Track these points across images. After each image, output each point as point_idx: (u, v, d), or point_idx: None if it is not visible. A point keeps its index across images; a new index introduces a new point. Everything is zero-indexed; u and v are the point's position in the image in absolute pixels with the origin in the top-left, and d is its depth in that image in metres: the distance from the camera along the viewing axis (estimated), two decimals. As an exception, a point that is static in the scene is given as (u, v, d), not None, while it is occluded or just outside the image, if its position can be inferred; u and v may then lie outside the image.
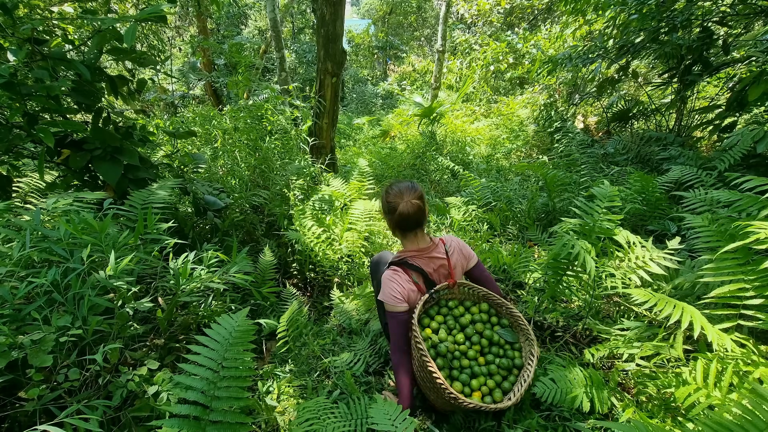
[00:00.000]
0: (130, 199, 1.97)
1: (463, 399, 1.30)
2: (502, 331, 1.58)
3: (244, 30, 13.79)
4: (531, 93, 7.96)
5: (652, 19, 3.74)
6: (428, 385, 1.43)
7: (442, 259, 1.63)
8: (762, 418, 0.92)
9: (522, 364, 1.49)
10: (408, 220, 1.54)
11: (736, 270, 1.49)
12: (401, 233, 1.62)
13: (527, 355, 1.50)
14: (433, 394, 1.45)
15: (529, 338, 1.51)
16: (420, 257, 1.60)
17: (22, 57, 1.68)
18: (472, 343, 1.54)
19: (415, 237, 1.61)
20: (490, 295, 1.63)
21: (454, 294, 1.70)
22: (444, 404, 1.45)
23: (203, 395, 1.09)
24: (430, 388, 1.43)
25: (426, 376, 1.38)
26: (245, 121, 3.76)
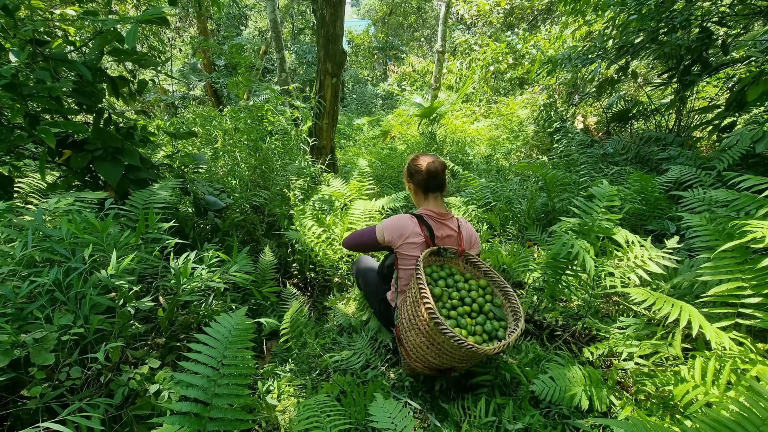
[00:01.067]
0: (131, 199, 1.98)
1: (446, 326, 1.36)
2: (495, 308, 1.65)
3: (245, 31, 13.81)
4: (531, 93, 7.97)
5: (652, 19, 3.75)
6: (411, 320, 1.53)
7: (453, 231, 1.77)
8: (759, 415, 0.93)
9: (504, 338, 1.56)
10: (435, 177, 1.74)
11: (734, 269, 1.50)
12: (423, 194, 1.80)
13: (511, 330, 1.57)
14: (413, 331, 1.52)
15: (517, 317, 1.58)
16: (434, 219, 1.75)
17: (24, 58, 1.69)
18: (464, 303, 1.65)
19: (435, 200, 1.78)
20: (491, 273, 1.73)
21: (458, 265, 1.81)
22: (419, 344, 1.52)
23: (204, 393, 1.10)
24: (413, 323, 1.52)
25: (415, 306, 1.49)
26: (245, 121, 3.77)
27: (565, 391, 1.40)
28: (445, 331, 1.35)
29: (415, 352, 1.56)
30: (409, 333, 1.56)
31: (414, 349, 1.56)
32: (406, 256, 1.75)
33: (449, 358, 1.50)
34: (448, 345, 1.41)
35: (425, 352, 1.52)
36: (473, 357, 1.51)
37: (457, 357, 1.48)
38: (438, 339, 1.42)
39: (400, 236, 1.72)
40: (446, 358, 1.50)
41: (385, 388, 1.70)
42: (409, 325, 1.56)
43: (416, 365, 1.61)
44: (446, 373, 1.60)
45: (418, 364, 1.60)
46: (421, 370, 1.62)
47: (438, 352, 1.48)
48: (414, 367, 1.64)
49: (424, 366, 1.59)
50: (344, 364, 1.88)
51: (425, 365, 1.58)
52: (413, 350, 1.57)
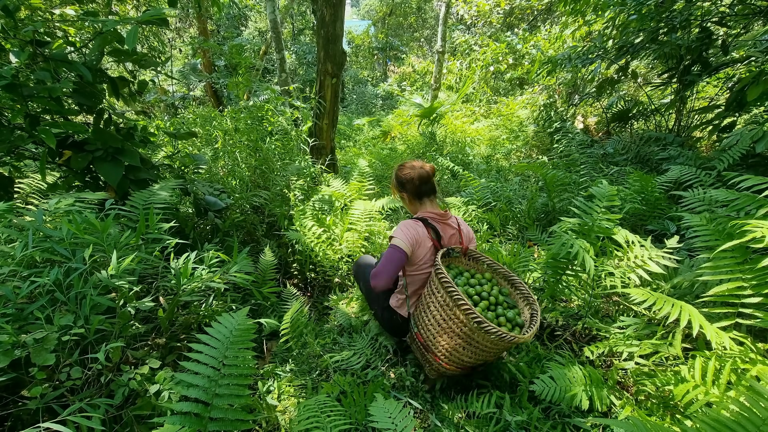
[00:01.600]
0: (132, 199, 1.98)
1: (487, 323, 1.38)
2: (505, 297, 1.68)
3: (245, 31, 13.81)
4: (531, 93, 7.98)
5: (651, 19, 3.76)
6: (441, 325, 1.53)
7: (455, 229, 1.81)
8: (759, 414, 0.93)
9: (523, 323, 1.59)
10: (427, 182, 1.76)
11: (734, 269, 1.50)
12: (419, 200, 1.81)
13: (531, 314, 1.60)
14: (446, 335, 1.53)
15: (530, 301, 1.63)
16: (437, 221, 1.76)
17: (24, 59, 1.69)
18: (482, 298, 1.66)
19: (431, 203, 1.80)
20: (494, 264, 1.77)
21: (462, 263, 1.85)
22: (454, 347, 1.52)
23: (204, 393, 1.10)
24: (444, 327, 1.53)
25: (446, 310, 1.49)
26: (246, 122, 3.77)
27: (565, 391, 1.40)
28: (488, 328, 1.37)
29: (449, 355, 1.56)
30: (441, 338, 1.55)
31: (448, 353, 1.55)
32: (414, 262, 1.73)
33: (485, 354, 1.52)
34: (488, 341, 1.43)
35: (461, 354, 1.52)
36: (508, 347, 1.57)
37: (493, 351, 1.51)
38: (478, 337, 1.44)
39: (417, 243, 1.69)
40: (483, 355, 1.52)
41: (385, 388, 1.70)
42: (439, 330, 1.54)
43: (448, 368, 1.61)
44: (477, 368, 1.64)
45: (450, 366, 1.59)
46: (453, 371, 1.62)
47: (475, 350, 1.50)
48: (444, 370, 1.63)
49: (457, 367, 1.59)
50: (344, 365, 1.88)
51: (459, 366, 1.58)
52: (447, 354, 1.56)
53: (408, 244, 1.65)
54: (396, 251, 1.64)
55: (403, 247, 1.64)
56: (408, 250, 1.66)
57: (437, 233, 1.74)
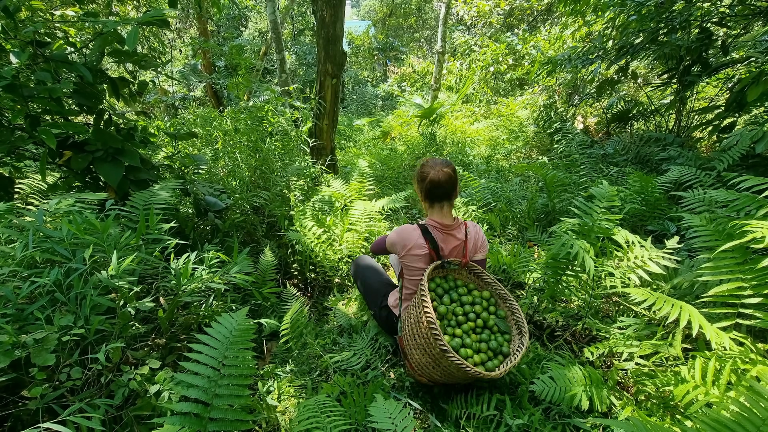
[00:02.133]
0: (132, 200, 1.98)
1: (452, 353, 1.36)
2: (498, 320, 1.64)
3: (245, 32, 13.82)
4: (531, 94, 7.98)
5: (651, 20, 3.76)
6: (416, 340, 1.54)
7: (460, 240, 1.73)
8: (759, 415, 0.93)
9: (509, 353, 1.56)
10: (438, 187, 1.67)
11: (734, 269, 1.50)
12: (429, 203, 1.74)
13: (516, 347, 1.56)
14: (418, 350, 1.53)
15: (522, 331, 1.58)
16: (440, 231, 1.71)
17: (25, 59, 1.69)
18: (468, 319, 1.63)
19: (441, 210, 1.72)
20: (495, 284, 1.72)
21: (462, 276, 1.80)
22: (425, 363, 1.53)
23: (204, 393, 1.10)
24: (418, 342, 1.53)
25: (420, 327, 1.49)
26: (246, 122, 3.78)
27: (565, 392, 1.40)
28: (452, 358, 1.35)
29: (421, 369, 1.57)
30: (415, 351, 1.56)
31: (420, 367, 1.57)
32: (410, 267, 1.74)
33: (455, 378, 1.52)
34: (454, 368, 1.41)
35: (431, 371, 1.53)
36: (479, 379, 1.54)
37: (462, 378, 1.50)
38: (444, 363, 1.43)
39: (403, 247, 1.72)
40: (452, 378, 1.52)
41: (385, 388, 1.70)
42: (414, 344, 1.56)
43: (421, 379, 1.64)
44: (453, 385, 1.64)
45: (422, 378, 1.62)
46: (425, 383, 1.65)
47: (444, 373, 1.50)
48: (419, 380, 1.66)
49: (428, 380, 1.61)
50: (344, 365, 1.88)
51: (430, 380, 1.60)
52: (419, 367, 1.58)
53: (391, 243, 1.80)
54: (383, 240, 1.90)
55: (387, 241, 1.84)
56: (389, 245, 1.83)
57: (435, 244, 1.68)
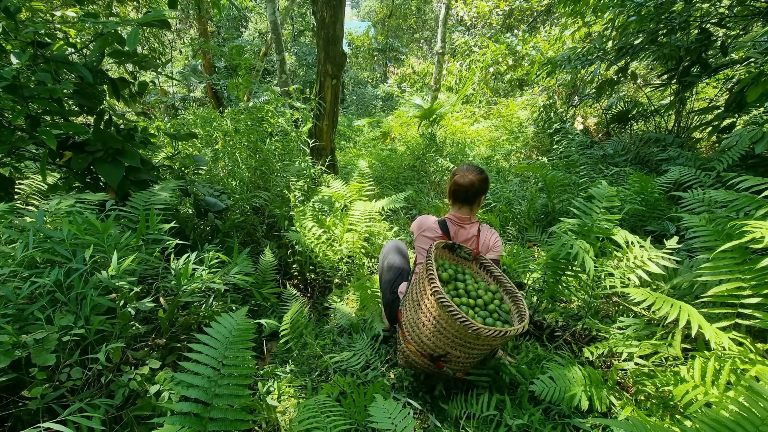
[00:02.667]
0: (132, 200, 1.98)
1: (446, 299, 1.36)
2: (501, 311, 1.64)
3: (245, 32, 13.83)
4: (530, 95, 7.99)
5: (651, 20, 3.76)
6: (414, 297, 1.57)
7: (472, 235, 1.87)
8: (758, 414, 0.93)
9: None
10: (459, 189, 1.83)
11: (734, 269, 1.50)
12: (452, 201, 1.91)
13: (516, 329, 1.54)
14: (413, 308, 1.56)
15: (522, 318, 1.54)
16: (454, 223, 1.88)
17: (25, 60, 1.70)
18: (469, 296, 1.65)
19: (459, 209, 1.89)
20: (503, 279, 1.73)
21: (472, 268, 1.86)
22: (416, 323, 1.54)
23: (204, 393, 1.10)
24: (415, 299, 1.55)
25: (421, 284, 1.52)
26: (246, 123, 3.78)
27: (564, 392, 1.40)
28: (443, 301, 1.35)
29: (411, 331, 1.57)
30: (410, 312, 1.59)
31: (410, 328, 1.57)
32: (420, 249, 1.90)
33: (443, 340, 1.46)
34: (444, 320, 1.39)
35: (420, 331, 1.52)
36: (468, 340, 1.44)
37: (450, 337, 1.44)
38: (435, 312, 1.42)
39: (418, 227, 1.93)
40: (441, 339, 1.47)
41: (385, 388, 1.70)
42: (411, 304, 1.59)
43: (409, 347, 1.59)
44: (437, 364, 1.56)
45: (411, 345, 1.58)
46: (413, 355, 1.59)
47: (434, 330, 1.46)
48: (407, 352, 1.62)
49: (416, 348, 1.56)
50: (344, 365, 1.88)
51: (418, 347, 1.56)
52: (410, 329, 1.58)
53: (413, 224, 2.00)
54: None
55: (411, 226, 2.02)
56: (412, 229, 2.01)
57: (447, 231, 1.87)
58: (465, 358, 1.53)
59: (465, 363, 1.57)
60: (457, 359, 1.53)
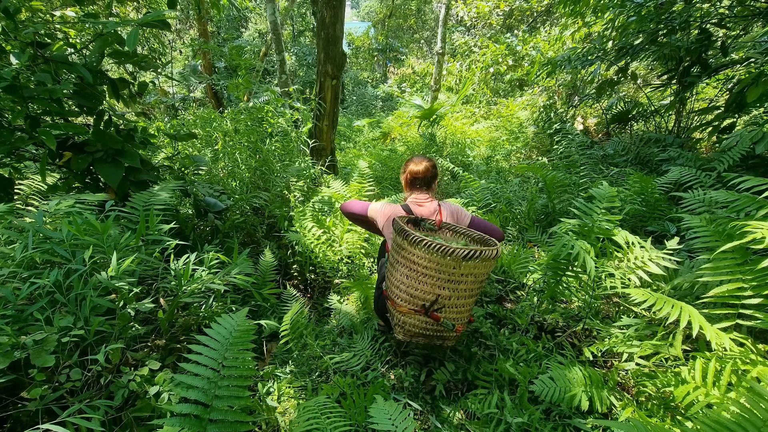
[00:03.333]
0: (132, 201, 1.98)
1: (434, 241, 1.36)
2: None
3: (245, 33, 13.83)
4: (530, 95, 7.99)
5: (651, 21, 3.76)
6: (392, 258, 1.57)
7: (434, 209, 1.92)
8: (759, 415, 0.92)
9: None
10: (417, 176, 1.93)
11: (735, 270, 1.50)
12: (410, 190, 2.00)
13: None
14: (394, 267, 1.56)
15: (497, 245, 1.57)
16: (415, 204, 1.93)
17: (25, 60, 1.70)
18: None
19: (418, 194, 1.96)
20: (470, 232, 1.77)
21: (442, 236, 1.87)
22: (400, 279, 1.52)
23: (204, 394, 1.09)
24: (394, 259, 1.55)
25: (394, 241, 1.53)
26: (246, 123, 3.78)
27: (565, 392, 1.40)
28: (415, 238, 1.37)
29: (398, 291, 1.54)
30: (392, 275, 1.58)
31: (397, 288, 1.54)
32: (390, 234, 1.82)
33: (429, 282, 1.45)
34: (422, 258, 1.41)
35: (407, 285, 1.49)
36: (450, 272, 1.43)
37: (434, 275, 1.43)
38: (413, 257, 1.43)
39: (383, 214, 1.89)
40: (426, 283, 1.46)
41: (385, 389, 1.70)
42: (392, 269, 1.59)
43: (401, 309, 1.55)
44: (433, 316, 1.52)
45: (403, 306, 1.54)
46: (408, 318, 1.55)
47: (417, 276, 1.46)
48: (402, 319, 1.57)
49: (410, 308, 1.52)
50: (344, 366, 1.88)
51: (411, 305, 1.52)
52: (397, 289, 1.55)
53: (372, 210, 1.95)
54: (364, 208, 1.99)
55: (369, 211, 1.96)
56: (371, 213, 1.96)
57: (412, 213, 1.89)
58: (456, 299, 1.50)
59: (459, 307, 1.54)
60: (449, 301, 1.50)
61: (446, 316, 1.53)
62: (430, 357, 1.93)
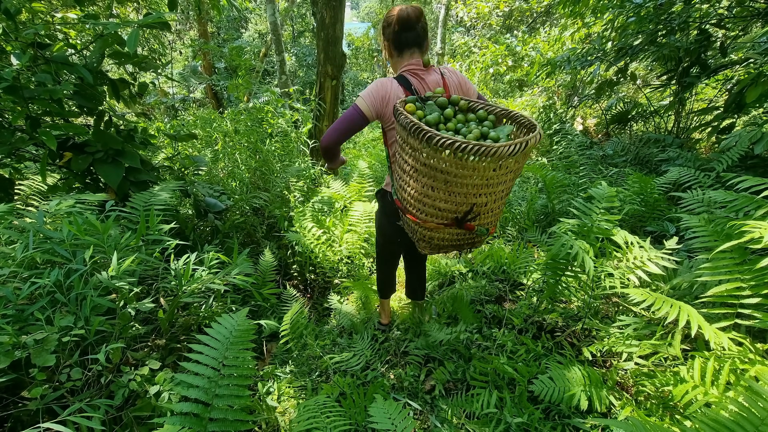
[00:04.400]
0: (132, 201, 1.98)
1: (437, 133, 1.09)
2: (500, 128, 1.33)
3: (245, 33, 13.85)
4: (530, 95, 7.99)
5: (650, 21, 3.77)
6: (404, 167, 1.27)
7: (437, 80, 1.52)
8: (757, 414, 0.93)
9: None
10: (408, 29, 1.46)
11: (733, 269, 1.50)
12: (399, 53, 1.53)
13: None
14: (409, 177, 1.27)
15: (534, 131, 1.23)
16: (414, 76, 1.50)
17: (26, 61, 1.70)
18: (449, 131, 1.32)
19: (411, 57, 1.51)
20: (490, 106, 1.41)
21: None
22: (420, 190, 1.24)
23: (205, 393, 1.10)
24: (408, 166, 1.25)
25: (405, 144, 1.22)
26: (246, 123, 3.79)
27: (564, 391, 1.40)
28: (445, 141, 1.07)
29: (420, 205, 1.29)
30: (408, 185, 1.30)
31: (418, 201, 1.29)
32: (387, 122, 1.52)
33: (464, 192, 1.20)
34: (454, 166, 1.13)
35: (433, 197, 1.24)
36: (487, 176, 1.16)
37: (469, 184, 1.17)
38: (436, 162, 1.15)
39: (382, 99, 1.46)
40: (460, 194, 1.21)
41: (385, 388, 1.70)
42: (405, 177, 1.31)
43: (428, 225, 1.31)
44: (467, 226, 1.29)
45: (430, 222, 1.30)
46: (438, 233, 1.33)
47: (446, 187, 1.20)
48: (428, 235, 1.34)
49: (438, 222, 1.30)
50: (344, 366, 1.88)
51: (439, 219, 1.29)
52: (418, 202, 1.29)
53: (369, 104, 1.46)
54: (353, 111, 1.46)
55: (362, 107, 1.46)
56: (369, 112, 1.47)
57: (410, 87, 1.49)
58: (492, 202, 1.27)
59: (494, 210, 1.32)
60: (485, 207, 1.27)
61: (480, 222, 1.31)
62: (429, 357, 1.93)
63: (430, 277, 2.66)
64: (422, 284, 2.18)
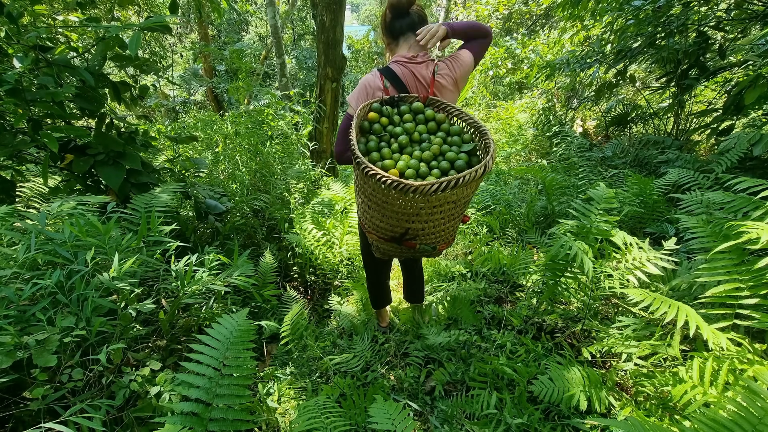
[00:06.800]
0: (133, 203, 1.99)
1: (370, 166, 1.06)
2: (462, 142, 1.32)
3: (245, 36, 13.90)
4: (530, 97, 8.01)
5: (649, 24, 3.78)
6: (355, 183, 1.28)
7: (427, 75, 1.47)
8: (755, 414, 0.93)
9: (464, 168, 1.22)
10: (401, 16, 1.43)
11: (732, 270, 1.50)
12: (395, 42, 1.49)
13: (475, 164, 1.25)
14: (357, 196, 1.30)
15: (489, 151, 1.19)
16: (402, 65, 1.45)
17: (28, 64, 1.71)
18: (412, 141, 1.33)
19: (406, 43, 1.47)
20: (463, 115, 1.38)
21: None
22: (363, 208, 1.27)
23: (205, 393, 1.10)
24: (356, 183, 1.28)
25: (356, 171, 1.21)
26: (246, 126, 3.80)
27: (563, 392, 1.40)
28: (368, 170, 1.06)
29: (363, 216, 1.34)
30: (357, 195, 1.34)
31: (363, 213, 1.34)
32: None
33: (395, 217, 1.21)
34: (372, 187, 1.14)
35: (371, 215, 1.27)
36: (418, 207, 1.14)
37: (397, 210, 1.17)
38: (369, 188, 1.15)
39: (366, 97, 1.44)
40: (392, 218, 1.22)
41: (385, 389, 1.70)
42: (355, 187, 1.34)
43: (371, 236, 1.37)
44: (407, 244, 1.30)
45: (373, 235, 1.35)
46: (381, 244, 1.37)
47: (378, 209, 1.21)
48: (375, 243, 1.40)
49: (379, 236, 1.33)
50: (344, 367, 1.88)
51: (379, 234, 1.33)
52: (363, 215, 1.34)
53: (356, 106, 1.42)
54: (346, 116, 1.46)
55: (351, 111, 1.44)
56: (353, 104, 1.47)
57: (397, 80, 1.43)
58: (432, 227, 1.24)
59: (439, 233, 1.29)
60: (423, 231, 1.25)
61: (423, 242, 1.29)
62: (429, 358, 1.94)
63: (430, 279, 2.66)
64: (420, 286, 2.16)
